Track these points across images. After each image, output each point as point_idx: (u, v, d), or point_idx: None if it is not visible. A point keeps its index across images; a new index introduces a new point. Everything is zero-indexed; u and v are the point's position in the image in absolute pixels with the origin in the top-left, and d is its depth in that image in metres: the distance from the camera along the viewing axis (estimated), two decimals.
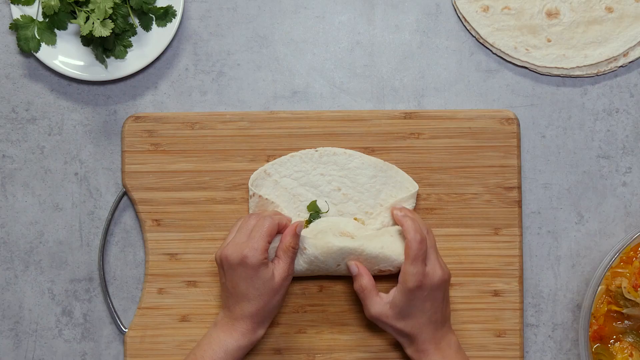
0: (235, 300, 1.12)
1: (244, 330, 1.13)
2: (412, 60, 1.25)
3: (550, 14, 1.24)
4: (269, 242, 1.12)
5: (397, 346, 1.21)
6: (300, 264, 1.15)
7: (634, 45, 1.24)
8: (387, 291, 1.15)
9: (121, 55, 1.22)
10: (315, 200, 1.20)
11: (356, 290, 1.15)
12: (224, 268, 1.13)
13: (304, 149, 1.21)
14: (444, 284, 1.13)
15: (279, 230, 1.14)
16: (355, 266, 1.15)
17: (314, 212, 1.19)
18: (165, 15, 1.22)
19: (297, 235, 1.13)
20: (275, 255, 1.13)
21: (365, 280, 1.14)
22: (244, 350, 1.13)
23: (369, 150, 1.22)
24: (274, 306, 1.13)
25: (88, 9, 1.17)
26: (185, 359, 1.13)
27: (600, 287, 1.17)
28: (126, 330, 1.22)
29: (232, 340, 1.12)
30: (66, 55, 1.23)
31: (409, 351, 1.15)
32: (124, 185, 1.23)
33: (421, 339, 1.13)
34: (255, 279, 1.11)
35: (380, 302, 1.14)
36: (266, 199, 1.19)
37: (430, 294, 1.12)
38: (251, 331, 1.13)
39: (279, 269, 1.12)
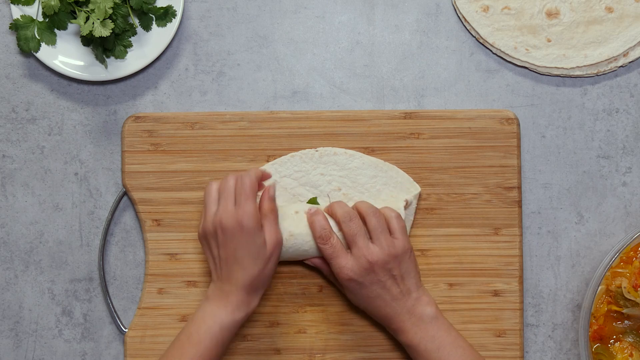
0: (229, 269, 1.10)
1: (238, 302, 1.10)
2: (412, 60, 1.25)
3: (550, 14, 1.24)
4: (255, 199, 1.11)
5: (398, 346, 1.21)
6: (284, 228, 1.15)
7: (634, 45, 1.24)
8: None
9: (121, 55, 1.22)
10: (316, 197, 1.20)
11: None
12: (218, 237, 1.10)
13: (304, 149, 1.21)
14: (377, 267, 1.11)
15: (262, 180, 1.14)
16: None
17: None
18: (165, 15, 1.22)
19: (272, 199, 1.12)
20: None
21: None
22: (238, 324, 1.11)
23: (369, 150, 1.22)
24: (267, 275, 1.11)
25: (88, 9, 1.18)
26: (178, 336, 1.11)
27: (600, 287, 1.17)
28: (126, 330, 1.22)
29: (226, 313, 1.10)
30: (66, 55, 1.23)
31: (388, 330, 1.16)
32: (124, 185, 1.23)
33: (387, 318, 1.14)
34: (251, 244, 1.09)
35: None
36: None
37: (370, 278, 1.12)
38: (245, 303, 1.10)
39: (267, 235, 1.11)
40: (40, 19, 1.22)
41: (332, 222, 1.15)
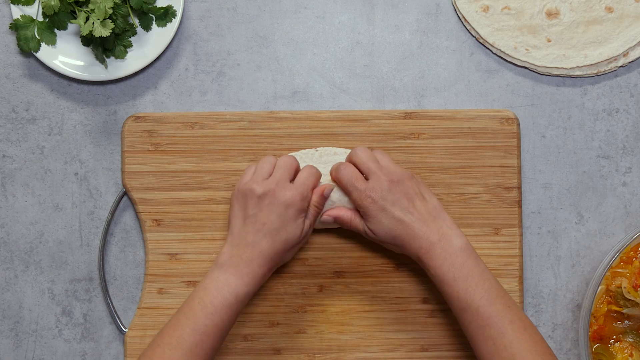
0: (256, 235, 1.09)
1: (254, 273, 1.09)
2: (412, 60, 1.25)
3: (550, 14, 1.24)
4: (291, 180, 1.12)
5: (397, 346, 1.21)
6: None
7: (634, 45, 1.24)
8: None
9: (121, 55, 1.22)
10: None
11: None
12: (254, 199, 1.10)
13: (304, 149, 1.21)
14: (395, 184, 1.11)
15: (295, 171, 1.14)
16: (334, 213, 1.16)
17: None
18: (165, 15, 1.22)
19: (323, 197, 1.14)
20: None
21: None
22: (251, 295, 1.10)
23: None
24: (287, 257, 1.13)
25: (88, 9, 1.18)
26: (189, 304, 1.08)
27: (600, 287, 1.17)
28: (126, 330, 1.22)
29: (243, 285, 1.08)
30: (66, 55, 1.23)
31: (416, 259, 1.12)
32: (124, 185, 1.23)
33: (415, 240, 1.11)
34: (287, 219, 1.10)
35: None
36: None
37: (392, 197, 1.11)
38: (260, 275, 1.10)
39: (306, 223, 1.13)
40: (40, 19, 1.22)
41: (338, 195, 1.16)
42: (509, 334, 1.06)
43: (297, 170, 1.15)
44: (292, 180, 1.13)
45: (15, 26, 1.21)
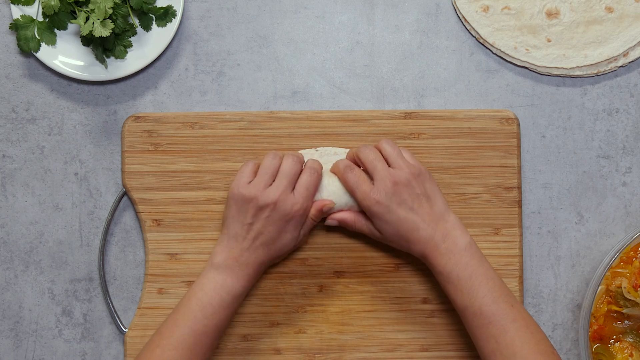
0: (254, 244, 1.12)
1: (250, 275, 1.13)
2: (412, 60, 1.25)
3: (550, 14, 1.24)
4: (294, 187, 1.13)
5: (397, 346, 1.21)
6: None
7: (634, 45, 1.24)
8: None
9: (121, 55, 1.22)
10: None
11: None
12: (249, 206, 1.12)
13: (304, 149, 1.21)
14: (401, 186, 1.11)
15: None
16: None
17: None
18: (165, 15, 1.22)
19: (321, 212, 1.15)
20: None
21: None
22: (248, 291, 1.14)
23: None
24: (282, 258, 1.18)
25: (88, 9, 1.18)
26: (188, 305, 1.11)
27: (600, 287, 1.17)
28: (126, 330, 1.22)
29: (239, 286, 1.12)
30: (66, 55, 1.23)
31: (420, 258, 1.13)
32: (124, 185, 1.23)
33: (420, 242, 1.12)
34: (286, 232, 1.12)
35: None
36: None
37: (397, 199, 1.11)
38: (257, 275, 1.14)
39: (302, 233, 1.15)
40: (40, 19, 1.22)
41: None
42: (510, 332, 1.06)
43: (301, 164, 1.15)
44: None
45: (15, 26, 1.21)
